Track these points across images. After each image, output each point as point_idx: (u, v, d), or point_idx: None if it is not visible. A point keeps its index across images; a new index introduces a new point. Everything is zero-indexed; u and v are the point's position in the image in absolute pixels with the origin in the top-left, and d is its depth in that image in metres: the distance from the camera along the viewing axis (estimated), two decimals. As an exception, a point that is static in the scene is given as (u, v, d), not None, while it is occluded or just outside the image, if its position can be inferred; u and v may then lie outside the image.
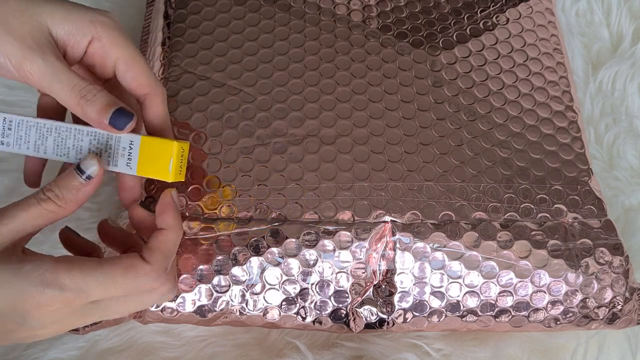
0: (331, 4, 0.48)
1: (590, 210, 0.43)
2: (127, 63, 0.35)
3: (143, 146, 0.34)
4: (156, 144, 0.34)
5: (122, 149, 0.34)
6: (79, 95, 0.32)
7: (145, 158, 0.34)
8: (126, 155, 0.34)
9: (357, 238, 0.40)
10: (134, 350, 0.45)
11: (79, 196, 0.32)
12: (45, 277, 0.30)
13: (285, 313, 0.41)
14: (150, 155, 0.34)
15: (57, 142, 0.35)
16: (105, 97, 0.33)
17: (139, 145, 0.34)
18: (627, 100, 0.57)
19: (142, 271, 0.32)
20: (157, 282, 0.33)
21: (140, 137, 0.34)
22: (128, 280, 0.32)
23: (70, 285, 0.30)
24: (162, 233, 0.34)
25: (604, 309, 0.42)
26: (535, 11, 0.50)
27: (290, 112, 0.43)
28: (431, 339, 0.45)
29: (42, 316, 0.31)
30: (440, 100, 0.45)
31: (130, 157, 0.34)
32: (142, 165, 0.34)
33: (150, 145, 0.34)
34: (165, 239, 0.34)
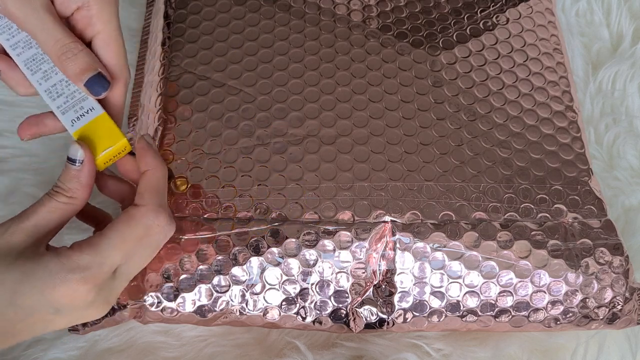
0: (331, 4, 0.48)
1: (590, 210, 0.43)
2: (105, 40, 0.36)
3: (98, 120, 0.35)
4: (108, 127, 0.35)
5: (80, 107, 0.35)
6: (61, 50, 0.33)
7: (91, 129, 0.35)
8: (79, 114, 0.35)
9: (357, 238, 0.40)
10: (134, 350, 0.45)
11: (81, 182, 0.34)
12: (64, 264, 0.31)
13: (285, 313, 0.41)
14: (97, 131, 0.35)
15: (35, 57, 0.35)
16: (86, 57, 0.34)
17: (95, 116, 0.35)
18: (627, 100, 0.57)
19: (140, 214, 0.34)
20: (158, 219, 0.34)
21: (103, 112, 0.36)
22: (133, 229, 0.33)
23: (89, 263, 0.32)
24: (147, 174, 0.35)
25: (604, 309, 0.42)
26: (535, 11, 0.50)
27: (290, 112, 0.43)
28: (431, 339, 0.45)
29: (73, 302, 0.32)
30: (440, 100, 0.45)
31: (79, 118, 0.35)
32: (82, 132, 0.35)
33: (103, 124, 0.35)
34: (151, 178, 0.35)
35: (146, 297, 0.40)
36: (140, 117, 0.46)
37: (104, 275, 0.33)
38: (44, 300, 0.31)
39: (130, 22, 0.58)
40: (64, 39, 0.33)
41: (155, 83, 0.46)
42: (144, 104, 0.46)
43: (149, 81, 0.47)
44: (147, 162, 0.36)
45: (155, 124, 0.44)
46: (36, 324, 0.32)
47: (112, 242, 0.33)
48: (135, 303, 0.40)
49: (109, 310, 0.36)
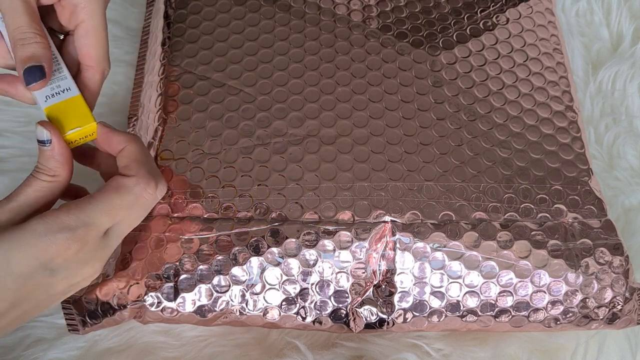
0: (331, 4, 0.48)
1: (590, 210, 0.43)
2: (87, 30, 0.37)
3: (72, 100, 0.36)
4: (81, 108, 0.36)
5: (57, 86, 0.36)
6: (18, 36, 0.35)
7: (63, 108, 0.36)
8: (54, 91, 0.36)
9: (357, 238, 0.40)
10: (134, 350, 0.45)
11: (58, 159, 0.34)
12: (50, 225, 0.32)
13: (285, 313, 0.41)
14: (68, 110, 0.36)
15: None
16: (34, 48, 0.35)
17: (70, 96, 0.36)
18: (627, 100, 0.57)
19: (131, 183, 0.34)
20: (150, 186, 0.35)
21: (78, 94, 0.36)
22: (124, 198, 0.34)
23: (77, 223, 0.32)
24: (124, 149, 0.36)
25: (604, 309, 0.42)
26: (535, 11, 0.50)
27: (290, 112, 0.43)
28: (431, 339, 0.45)
29: (67, 262, 0.33)
30: (440, 100, 0.45)
31: (54, 95, 0.36)
32: (54, 109, 0.36)
33: (76, 105, 0.36)
34: (130, 151, 0.35)
35: (146, 297, 0.40)
36: (140, 117, 0.46)
37: (93, 235, 0.33)
38: (38, 263, 0.32)
39: (130, 22, 0.58)
40: (24, 26, 0.34)
41: (155, 83, 0.46)
42: (144, 104, 0.46)
43: (149, 81, 0.47)
44: (118, 141, 0.36)
45: (155, 124, 0.44)
46: (37, 290, 0.33)
47: (100, 206, 0.33)
48: (135, 303, 0.40)
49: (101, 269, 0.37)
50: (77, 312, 0.40)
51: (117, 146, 0.36)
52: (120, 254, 0.40)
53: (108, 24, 0.58)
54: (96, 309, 0.40)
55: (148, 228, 0.40)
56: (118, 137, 0.36)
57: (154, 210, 0.41)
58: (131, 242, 0.40)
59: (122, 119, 0.53)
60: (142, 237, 0.40)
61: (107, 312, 0.40)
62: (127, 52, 0.57)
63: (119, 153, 0.36)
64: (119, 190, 0.34)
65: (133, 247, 0.40)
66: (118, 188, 0.34)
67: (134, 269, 0.40)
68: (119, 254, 0.40)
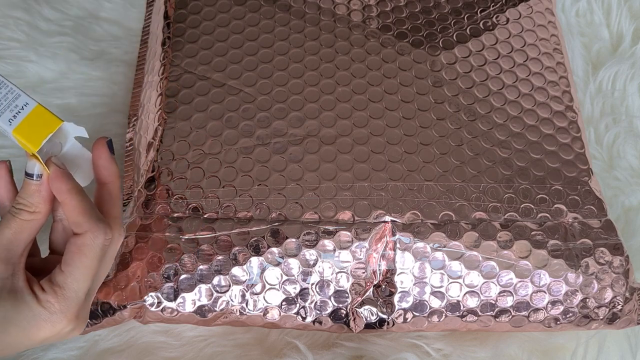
0: (331, 4, 0.48)
1: (590, 210, 0.43)
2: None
3: (33, 112, 0.35)
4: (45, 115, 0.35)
5: (15, 106, 0.36)
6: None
7: (28, 123, 0.35)
8: (14, 112, 0.35)
9: (357, 238, 0.40)
10: (134, 350, 0.45)
11: (43, 196, 0.34)
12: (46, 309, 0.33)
13: (285, 313, 0.41)
14: (35, 122, 0.35)
15: None
16: None
17: (31, 110, 0.36)
18: (627, 100, 0.57)
19: (89, 240, 0.34)
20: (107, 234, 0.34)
21: (36, 104, 0.36)
22: (92, 256, 0.34)
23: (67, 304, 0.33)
24: (66, 203, 0.34)
25: (604, 309, 0.42)
26: (535, 11, 0.50)
27: (290, 112, 0.43)
28: (431, 339, 0.45)
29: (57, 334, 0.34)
30: (441, 100, 0.45)
31: (16, 116, 0.35)
32: (21, 128, 0.35)
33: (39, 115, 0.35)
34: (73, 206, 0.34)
35: (146, 297, 0.40)
36: (140, 116, 0.46)
37: (79, 305, 0.34)
38: (30, 339, 0.33)
39: (130, 22, 0.58)
40: None
41: (155, 83, 0.46)
42: (144, 104, 0.46)
43: (149, 81, 0.47)
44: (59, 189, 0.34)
45: (155, 124, 0.44)
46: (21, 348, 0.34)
47: (77, 276, 0.33)
48: (135, 303, 0.40)
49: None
50: (77, 312, 0.40)
51: (59, 194, 0.34)
52: (120, 254, 0.40)
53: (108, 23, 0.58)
54: (96, 309, 0.40)
55: (148, 228, 0.40)
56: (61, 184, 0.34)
57: (154, 210, 0.41)
58: (131, 243, 0.40)
59: (122, 118, 0.53)
60: (142, 237, 0.40)
61: (107, 312, 0.40)
62: (127, 52, 0.57)
63: (63, 206, 0.35)
64: (83, 250, 0.34)
65: (133, 247, 0.40)
66: (81, 249, 0.34)
67: (134, 269, 0.40)
68: (119, 254, 0.40)
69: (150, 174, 0.42)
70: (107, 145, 0.37)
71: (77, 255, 0.34)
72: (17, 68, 0.55)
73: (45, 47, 0.56)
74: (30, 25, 0.57)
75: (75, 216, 0.34)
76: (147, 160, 0.43)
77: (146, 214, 0.41)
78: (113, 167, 0.37)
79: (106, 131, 0.53)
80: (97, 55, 0.57)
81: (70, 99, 0.54)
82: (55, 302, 0.33)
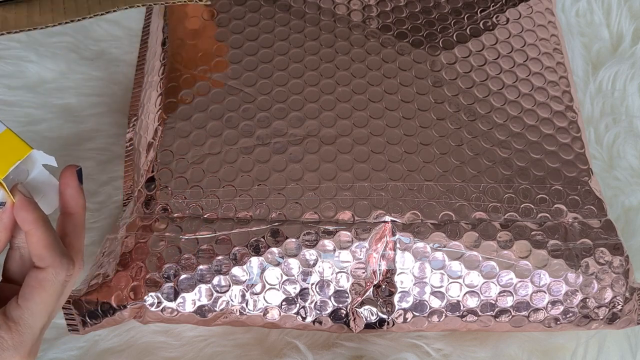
0: (331, 4, 0.48)
1: (590, 210, 0.43)
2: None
3: (1, 136, 0.34)
4: (14, 141, 0.34)
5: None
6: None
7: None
8: None
9: (357, 238, 0.40)
10: (134, 350, 0.45)
11: (4, 223, 0.33)
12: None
13: (285, 313, 0.41)
14: (3, 148, 0.34)
15: None
16: None
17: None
18: (627, 100, 0.57)
19: (50, 276, 0.32)
20: (68, 270, 0.33)
21: (5, 128, 0.34)
22: (51, 292, 0.33)
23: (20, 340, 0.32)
24: (30, 234, 0.33)
25: (604, 309, 0.42)
26: (535, 11, 0.50)
27: (290, 112, 0.43)
28: (431, 339, 0.45)
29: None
30: (440, 100, 0.45)
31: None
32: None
33: (7, 140, 0.34)
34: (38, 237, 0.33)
35: (146, 297, 0.40)
36: (140, 116, 0.46)
37: (33, 341, 0.33)
38: None
39: (130, 22, 0.58)
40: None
41: (155, 83, 0.46)
42: (144, 104, 0.46)
43: (149, 81, 0.47)
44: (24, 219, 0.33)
45: (155, 124, 0.44)
46: None
47: (34, 311, 0.32)
48: (135, 303, 0.40)
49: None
50: (77, 312, 0.40)
51: (24, 224, 0.33)
52: (120, 254, 0.40)
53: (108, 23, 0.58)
54: (96, 309, 0.40)
55: (148, 228, 0.40)
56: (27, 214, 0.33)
57: (154, 210, 0.41)
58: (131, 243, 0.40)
59: (122, 119, 0.53)
60: (142, 237, 0.40)
61: (107, 312, 0.40)
62: (127, 52, 0.57)
63: (27, 236, 0.33)
64: (43, 285, 0.32)
65: (133, 247, 0.40)
66: (41, 284, 0.32)
67: (134, 269, 0.40)
68: (119, 254, 0.40)
69: (150, 174, 0.42)
70: (76, 174, 0.35)
71: (37, 290, 0.32)
72: (17, 68, 0.55)
73: (45, 47, 0.56)
74: (30, 25, 0.57)
75: (38, 249, 0.32)
76: (147, 160, 0.43)
77: (146, 214, 0.41)
78: (80, 197, 0.35)
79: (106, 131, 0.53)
80: (97, 55, 0.57)
81: (70, 99, 0.54)
82: (9, 338, 0.31)
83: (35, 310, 0.32)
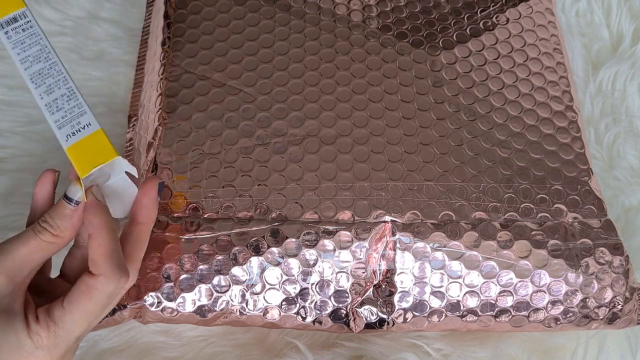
0: (331, 4, 0.48)
1: (590, 210, 0.43)
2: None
3: (93, 136, 0.35)
4: (103, 143, 0.35)
5: (77, 123, 0.35)
6: None
7: (85, 145, 0.34)
8: (75, 129, 0.34)
9: (357, 238, 0.40)
10: (134, 350, 0.45)
11: (73, 222, 0.33)
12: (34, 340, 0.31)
13: (285, 313, 0.41)
14: (91, 147, 0.34)
15: (41, 71, 0.35)
16: None
17: (91, 132, 0.35)
18: (627, 100, 0.57)
19: (100, 285, 0.32)
20: (120, 283, 0.33)
21: (99, 128, 0.35)
22: (97, 302, 0.32)
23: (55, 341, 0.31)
24: (93, 238, 0.33)
25: (604, 309, 0.42)
26: (535, 11, 0.50)
27: (290, 112, 0.43)
28: (431, 339, 0.45)
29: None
30: (440, 100, 0.45)
31: (74, 134, 0.34)
32: (76, 147, 0.34)
33: (98, 140, 0.35)
34: (99, 243, 0.32)
35: (146, 297, 0.40)
36: (140, 117, 0.46)
37: (68, 347, 0.32)
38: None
39: (130, 22, 0.58)
40: None
41: (155, 83, 0.46)
42: (144, 104, 0.46)
43: (149, 81, 0.47)
44: (91, 222, 0.33)
45: (155, 124, 0.44)
46: None
47: (75, 317, 0.32)
48: (135, 303, 0.40)
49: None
50: (77, 312, 0.40)
51: (89, 226, 0.33)
52: (120, 254, 0.40)
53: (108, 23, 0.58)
54: (96, 309, 0.40)
55: (148, 228, 0.40)
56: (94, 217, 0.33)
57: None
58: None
59: (122, 119, 0.53)
60: (142, 237, 0.40)
61: (107, 312, 0.40)
62: (127, 52, 0.57)
63: (89, 239, 0.33)
64: (90, 293, 0.32)
65: (133, 247, 0.40)
66: (89, 291, 0.32)
67: (134, 269, 0.40)
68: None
69: (150, 174, 0.42)
70: (157, 186, 0.35)
71: (83, 296, 0.32)
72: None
73: (45, 47, 0.56)
74: (30, 25, 0.57)
75: (96, 255, 0.32)
76: (147, 160, 0.43)
77: (146, 214, 0.41)
78: (154, 210, 0.35)
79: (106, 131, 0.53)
80: (97, 55, 0.57)
81: (70, 99, 0.54)
82: (45, 337, 0.31)
83: (76, 316, 0.32)
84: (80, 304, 0.32)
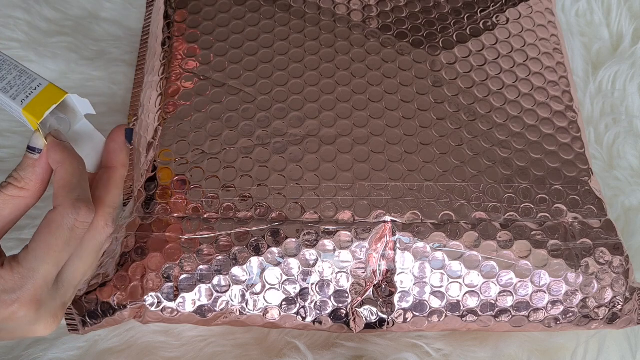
0: (331, 4, 0.48)
1: (590, 210, 0.43)
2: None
3: (44, 90, 0.35)
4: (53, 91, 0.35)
5: (29, 87, 0.35)
6: None
7: (37, 100, 0.35)
8: (27, 93, 0.35)
9: (357, 238, 0.40)
10: (134, 350, 0.45)
11: (36, 172, 0.32)
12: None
13: (285, 313, 0.41)
14: (43, 99, 0.35)
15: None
16: None
17: (42, 89, 0.35)
18: (627, 100, 0.57)
19: (58, 215, 0.31)
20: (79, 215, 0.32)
21: (48, 83, 0.35)
22: (55, 234, 0.31)
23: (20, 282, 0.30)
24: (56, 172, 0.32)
25: (604, 309, 0.42)
26: (535, 11, 0.50)
27: (290, 112, 0.43)
28: (431, 339, 0.45)
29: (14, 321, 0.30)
30: (440, 100, 0.45)
31: (28, 96, 0.35)
32: (30, 105, 0.35)
33: (48, 91, 0.35)
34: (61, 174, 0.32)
35: (146, 297, 0.40)
36: (140, 117, 0.46)
37: (39, 290, 0.30)
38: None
39: (130, 22, 0.58)
40: None
41: (155, 83, 0.46)
42: (144, 104, 0.46)
43: (149, 81, 0.47)
44: (54, 159, 0.32)
45: (155, 124, 0.44)
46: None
47: (38, 253, 0.30)
48: (135, 303, 0.40)
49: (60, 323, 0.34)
50: (77, 312, 0.40)
51: (52, 164, 0.32)
52: (120, 254, 0.40)
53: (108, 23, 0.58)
54: (96, 309, 0.40)
55: (148, 228, 0.40)
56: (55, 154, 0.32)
57: (154, 210, 0.41)
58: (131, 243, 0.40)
59: (122, 119, 0.53)
60: (142, 237, 0.40)
61: (107, 312, 0.40)
62: (127, 52, 0.57)
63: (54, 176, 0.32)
64: (50, 226, 0.31)
65: (133, 247, 0.40)
66: (48, 224, 0.31)
67: (134, 269, 0.40)
68: (118, 254, 0.40)
69: (150, 174, 0.42)
70: (125, 131, 0.34)
71: (43, 230, 0.31)
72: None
73: (45, 47, 0.56)
74: (30, 25, 0.57)
75: (56, 188, 0.31)
76: (147, 160, 0.43)
77: (146, 214, 0.41)
78: (122, 154, 0.34)
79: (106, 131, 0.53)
80: (97, 55, 0.57)
81: (70, 99, 0.54)
82: (9, 278, 0.30)
83: (38, 252, 0.30)
84: (40, 239, 0.31)
